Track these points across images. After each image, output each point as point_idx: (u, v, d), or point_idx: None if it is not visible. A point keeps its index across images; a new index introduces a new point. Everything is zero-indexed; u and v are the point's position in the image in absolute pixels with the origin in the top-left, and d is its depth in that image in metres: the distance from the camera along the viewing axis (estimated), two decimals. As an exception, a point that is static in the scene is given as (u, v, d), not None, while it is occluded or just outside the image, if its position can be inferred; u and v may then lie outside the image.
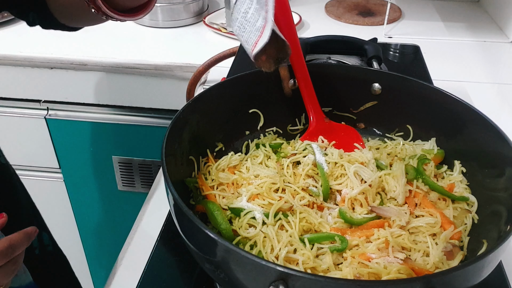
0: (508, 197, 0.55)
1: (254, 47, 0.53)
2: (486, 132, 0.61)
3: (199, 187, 0.63)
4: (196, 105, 0.65)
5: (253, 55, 0.54)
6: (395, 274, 0.50)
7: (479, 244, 0.55)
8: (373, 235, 0.56)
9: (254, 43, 0.53)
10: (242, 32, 0.54)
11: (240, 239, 0.55)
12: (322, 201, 0.61)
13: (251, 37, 0.53)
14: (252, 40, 0.53)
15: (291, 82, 0.73)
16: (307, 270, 0.51)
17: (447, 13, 1.46)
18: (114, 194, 1.39)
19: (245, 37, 0.54)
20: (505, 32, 1.34)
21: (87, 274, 1.56)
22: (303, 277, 0.42)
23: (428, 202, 0.61)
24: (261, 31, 0.52)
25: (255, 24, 0.53)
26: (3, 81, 1.22)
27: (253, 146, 0.72)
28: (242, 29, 0.54)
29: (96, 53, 1.17)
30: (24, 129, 1.29)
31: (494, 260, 0.47)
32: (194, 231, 0.48)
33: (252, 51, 0.54)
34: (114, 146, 1.30)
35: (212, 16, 1.34)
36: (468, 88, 1.08)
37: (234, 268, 0.46)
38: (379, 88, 0.73)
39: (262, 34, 0.52)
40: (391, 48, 1.07)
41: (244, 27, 0.54)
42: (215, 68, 1.08)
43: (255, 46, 0.53)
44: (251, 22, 0.53)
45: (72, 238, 1.50)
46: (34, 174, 1.39)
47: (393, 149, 0.71)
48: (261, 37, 0.52)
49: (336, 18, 1.41)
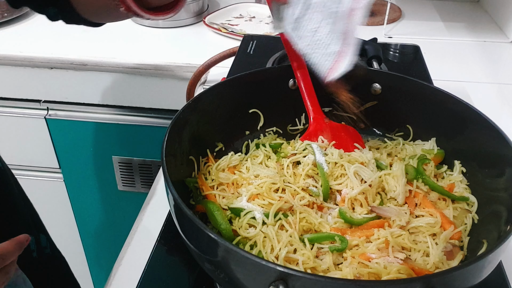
0: (508, 197, 0.55)
1: (329, 73, 0.50)
2: (486, 132, 0.61)
3: (199, 187, 0.63)
4: (196, 105, 0.65)
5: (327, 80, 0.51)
6: (395, 274, 0.50)
7: (479, 244, 0.55)
8: (373, 235, 0.56)
9: (329, 69, 0.50)
10: (311, 53, 0.51)
11: (240, 239, 0.55)
12: (322, 201, 0.61)
13: (323, 62, 0.50)
14: (326, 64, 0.50)
15: (291, 82, 0.73)
16: (307, 270, 0.51)
17: (447, 13, 1.46)
18: (114, 194, 1.39)
19: (317, 58, 0.51)
20: (505, 32, 1.34)
21: (87, 274, 1.56)
22: (303, 277, 0.42)
23: (428, 202, 0.61)
24: (336, 57, 0.49)
25: (328, 48, 0.49)
26: (3, 81, 1.22)
27: (253, 146, 0.72)
28: (311, 49, 0.51)
29: (96, 53, 1.17)
30: (24, 129, 1.29)
31: (494, 260, 0.47)
32: (194, 231, 0.48)
33: (326, 76, 0.51)
34: (114, 146, 1.30)
35: (212, 16, 1.34)
36: (468, 88, 1.08)
37: (234, 268, 0.46)
38: (379, 88, 0.73)
39: (341, 61, 0.48)
40: (391, 48, 1.07)
41: (313, 48, 0.51)
42: (215, 68, 1.08)
43: (331, 73, 0.50)
44: (323, 44, 0.50)
45: (72, 238, 1.50)
46: (34, 174, 1.39)
47: (393, 149, 0.71)
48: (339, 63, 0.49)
49: (336, 18, 1.41)
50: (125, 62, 1.15)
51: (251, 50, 1.04)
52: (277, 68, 0.82)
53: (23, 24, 1.33)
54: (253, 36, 1.10)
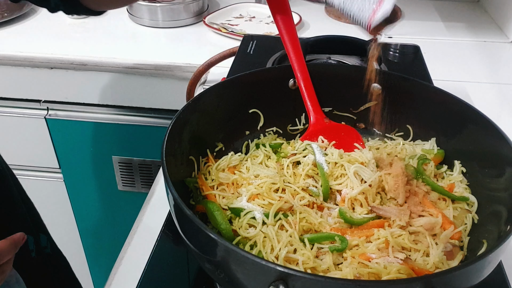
0: (508, 197, 0.55)
1: (372, 16, 0.51)
2: (486, 132, 0.61)
3: (199, 187, 0.63)
4: (196, 105, 0.65)
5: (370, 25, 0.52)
6: (395, 274, 0.50)
7: (479, 244, 0.55)
8: (373, 235, 0.56)
9: (372, 12, 0.51)
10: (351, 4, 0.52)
11: (240, 239, 0.55)
12: (322, 201, 0.61)
13: (365, 6, 0.51)
14: (368, 9, 0.51)
15: (291, 82, 0.73)
16: (307, 270, 0.51)
17: (447, 13, 1.46)
18: (114, 194, 1.39)
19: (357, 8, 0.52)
20: (505, 32, 1.34)
21: (87, 274, 1.56)
22: (303, 277, 0.42)
23: (428, 202, 0.61)
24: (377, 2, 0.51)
25: None
26: (3, 81, 1.22)
27: (253, 146, 0.72)
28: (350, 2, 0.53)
29: (96, 53, 1.17)
30: (24, 129, 1.29)
31: (494, 260, 0.47)
32: (194, 231, 0.48)
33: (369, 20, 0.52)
34: (114, 146, 1.29)
35: (212, 16, 1.34)
36: (468, 88, 1.08)
37: (234, 268, 0.46)
38: (379, 88, 0.73)
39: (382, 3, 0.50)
40: (391, 48, 1.07)
41: None
42: (215, 68, 1.08)
43: (373, 16, 0.51)
44: None
45: (72, 238, 1.50)
46: (34, 174, 1.39)
47: (393, 149, 0.71)
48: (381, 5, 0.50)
49: (336, 18, 1.41)
50: (125, 62, 1.15)
51: (251, 50, 1.03)
52: (277, 68, 0.82)
53: (23, 24, 1.33)
54: (253, 36, 1.10)
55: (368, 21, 0.52)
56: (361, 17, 0.53)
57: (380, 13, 0.51)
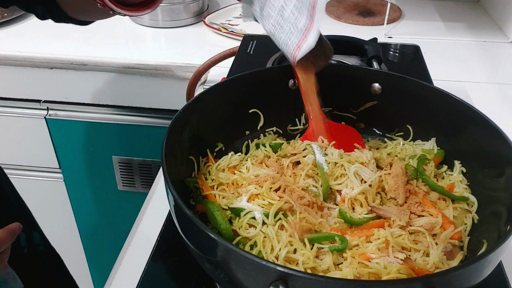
0: (508, 197, 0.55)
1: (296, 50, 0.48)
2: (486, 132, 0.61)
3: (199, 187, 0.63)
4: (196, 105, 0.65)
5: (294, 59, 0.49)
6: (395, 274, 0.50)
7: (479, 244, 0.55)
8: (373, 235, 0.56)
9: (296, 46, 0.48)
10: (278, 32, 0.49)
11: (240, 239, 0.55)
12: (322, 201, 0.61)
13: (291, 39, 0.48)
14: (293, 42, 0.48)
15: (291, 82, 0.73)
16: (307, 270, 0.51)
17: (447, 13, 1.46)
18: (114, 194, 1.39)
19: (283, 38, 0.49)
20: (505, 32, 1.34)
21: (86, 274, 1.56)
22: (303, 277, 0.42)
23: (428, 202, 0.61)
24: (304, 33, 0.47)
25: (297, 25, 0.47)
26: (3, 81, 1.22)
27: (253, 146, 0.72)
28: (278, 28, 0.49)
29: (96, 53, 1.17)
30: (24, 129, 1.29)
31: (494, 260, 0.47)
32: (194, 231, 0.48)
33: (294, 54, 0.49)
34: (114, 146, 1.30)
35: (212, 16, 1.34)
36: (468, 88, 1.08)
37: (234, 268, 0.46)
38: (379, 88, 0.73)
39: (307, 37, 0.47)
40: (391, 48, 1.07)
41: (281, 26, 0.48)
42: (215, 68, 1.08)
43: (298, 50, 0.48)
44: (291, 21, 0.48)
45: (72, 238, 1.50)
46: (34, 174, 1.39)
47: (393, 149, 0.71)
48: (306, 40, 0.47)
49: (336, 18, 1.41)
50: (125, 62, 1.15)
51: (251, 50, 1.04)
52: (277, 68, 0.82)
53: (23, 24, 1.33)
54: (253, 36, 1.10)
55: (293, 54, 0.50)
56: (286, 50, 0.50)
57: (304, 47, 0.48)
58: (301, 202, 0.60)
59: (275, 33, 0.49)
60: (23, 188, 0.95)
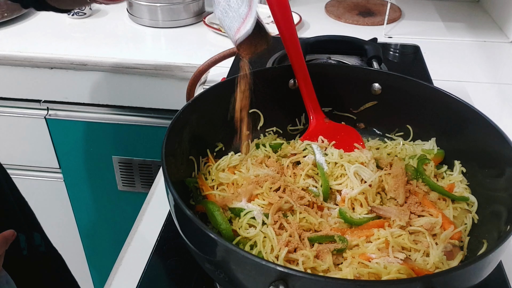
0: (508, 197, 0.55)
1: (236, 33, 0.53)
2: (486, 132, 0.61)
3: (199, 187, 0.63)
4: (196, 105, 0.65)
5: (236, 41, 0.54)
6: (395, 274, 0.50)
7: (479, 244, 0.55)
8: (373, 235, 0.56)
9: (236, 30, 0.53)
10: (224, 17, 0.55)
11: (240, 239, 0.55)
12: (322, 201, 0.61)
13: (233, 23, 0.54)
14: (234, 26, 0.54)
15: (291, 82, 0.73)
16: (307, 270, 0.51)
17: (447, 13, 1.46)
18: (114, 194, 1.39)
19: (227, 22, 0.54)
20: (505, 32, 1.34)
21: (87, 274, 1.56)
22: (303, 277, 0.42)
23: (428, 202, 0.61)
24: (243, 18, 0.53)
25: (238, 11, 0.53)
26: (3, 81, 1.22)
27: (253, 146, 0.72)
28: (224, 14, 0.55)
29: (96, 53, 1.17)
30: (24, 129, 1.29)
31: (494, 260, 0.47)
32: (194, 231, 0.48)
33: (234, 37, 0.54)
34: (114, 146, 1.29)
35: (212, 16, 1.34)
36: (468, 88, 1.08)
37: (234, 268, 0.46)
38: (379, 88, 0.73)
39: (245, 22, 0.52)
40: (391, 48, 1.07)
41: (227, 12, 0.54)
42: (215, 68, 1.08)
43: (237, 33, 0.53)
44: (234, 8, 0.54)
45: (72, 238, 1.50)
46: (34, 174, 1.39)
47: (393, 149, 0.71)
48: (244, 24, 0.53)
49: (336, 18, 1.41)
50: (125, 62, 1.15)
51: (251, 50, 1.03)
52: (277, 68, 0.82)
53: (23, 24, 1.33)
54: (253, 36, 1.10)
55: (234, 38, 0.54)
56: (230, 33, 0.56)
57: (242, 31, 0.54)
58: (301, 202, 0.60)
59: (223, 19, 0.56)
60: (23, 188, 0.94)
